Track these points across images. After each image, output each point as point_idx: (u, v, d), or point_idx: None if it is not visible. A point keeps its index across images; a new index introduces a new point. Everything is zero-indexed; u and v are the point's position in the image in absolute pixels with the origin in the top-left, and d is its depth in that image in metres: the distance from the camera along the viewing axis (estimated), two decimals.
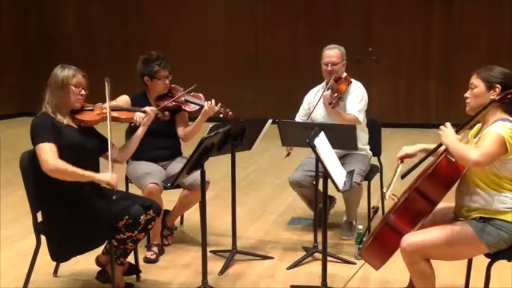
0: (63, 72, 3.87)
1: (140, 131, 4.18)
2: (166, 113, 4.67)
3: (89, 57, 12.09)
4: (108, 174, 3.76)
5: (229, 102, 5.14)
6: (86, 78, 3.93)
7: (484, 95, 3.45)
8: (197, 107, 4.96)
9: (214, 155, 4.24)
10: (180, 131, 5.08)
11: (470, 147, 3.29)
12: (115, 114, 4.09)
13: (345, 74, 5.23)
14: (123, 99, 4.74)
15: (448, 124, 3.45)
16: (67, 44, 12.86)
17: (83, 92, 3.91)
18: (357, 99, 5.16)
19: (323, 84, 5.37)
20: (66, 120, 3.86)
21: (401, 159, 3.78)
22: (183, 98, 4.95)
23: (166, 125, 4.83)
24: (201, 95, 5.05)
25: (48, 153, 3.64)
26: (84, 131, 3.93)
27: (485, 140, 3.27)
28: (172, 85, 5.03)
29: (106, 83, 4.06)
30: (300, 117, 5.43)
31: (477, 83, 3.50)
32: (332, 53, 5.22)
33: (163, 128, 4.86)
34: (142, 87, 5.02)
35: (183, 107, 4.96)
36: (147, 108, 4.23)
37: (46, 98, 3.88)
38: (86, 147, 3.86)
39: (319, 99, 5.11)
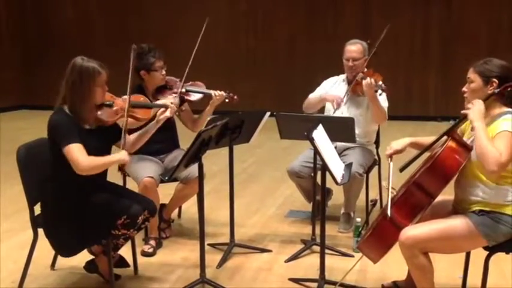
0: (88, 67, 3.68)
1: (154, 126, 4.06)
2: (183, 108, 4.60)
3: (87, 51, 12.04)
4: (124, 153, 3.78)
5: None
6: (107, 73, 3.76)
7: (482, 90, 3.43)
8: (200, 96, 4.91)
9: (212, 148, 4.23)
10: (189, 124, 5.07)
11: (494, 149, 3.19)
12: (136, 114, 3.98)
13: (365, 70, 5.17)
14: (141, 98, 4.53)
15: (480, 101, 3.35)
16: (65, 37, 12.82)
17: (105, 89, 3.78)
18: (382, 97, 5.12)
19: (342, 77, 5.35)
20: (83, 124, 3.75)
21: (391, 156, 3.73)
22: (183, 89, 4.91)
23: None
24: (200, 83, 5.01)
25: (79, 154, 3.59)
26: (100, 130, 3.83)
27: (504, 144, 3.22)
28: (168, 77, 4.99)
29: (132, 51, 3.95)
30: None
31: (474, 78, 3.47)
32: (354, 48, 5.20)
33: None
34: (137, 82, 4.95)
35: (185, 97, 4.92)
36: (169, 104, 4.12)
37: (64, 93, 3.71)
38: (98, 150, 3.75)
39: (346, 93, 5.13)
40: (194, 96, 4.92)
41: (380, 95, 4.96)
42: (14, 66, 12.85)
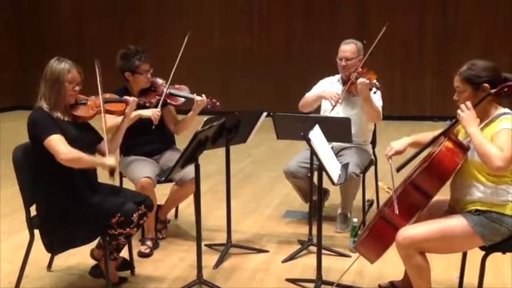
0: (59, 66, 3.81)
1: (124, 122, 4.10)
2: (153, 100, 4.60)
3: (82, 51, 12.05)
4: (113, 159, 3.80)
5: (224, 95, 5.14)
6: (80, 74, 3.86)
7: (474, 96, 3.40)
8: (183, 100, 4.92)
9: (209, 149, 4.23)
10: (171, 126, 5.07)
11: (494, 147, 3.21)
12: (109, 107, 4.05)
13: (360, 69, 5.15)
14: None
15: (469, 105, 3.34)
16: (61, 38, 12.81)
17: (76, 88, 3.85)
18: (377, 96, 5.12)
19: (337, 77, 5.35)
20: (63, 117, 3.82)
21: (391, 157, 3.72)
22: (167, 92, 4.90)
23: None
24: (185, 86, 5.01)
25: (60, 144, 3.65)
26: (80, 126, 3.91)
27: (505, 140, 3.23)
28: (153, 78, 4.98)
29: (96, 67, 4.00)
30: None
31: (463, 87, 3.44)
32: (347, 48, 5.20)
33: (151, 122, 4.75)
34: (123, 83, 4.97)
35: (168, 101, 4.90)
36: (128, 98, 4.14)
37: (41, 91, 3.83)
38: (84, 142, 3.82)
39: (341, 92, 5.11)
40: (177, 100, 4.93)
41: (374, 93, 4.96)
42: (11, 67, 12.83)
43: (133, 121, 4.52)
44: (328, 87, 5.34)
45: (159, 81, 5.00)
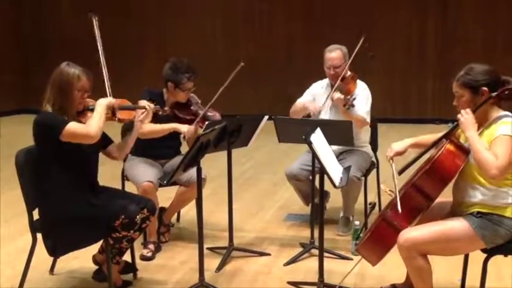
0: (69, 72, 3.77)
1: (137, 127, 4.09)
2: (166, 108, 4.62)
3: (85, 55, 12.02)
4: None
5: (225, 99, 5.12)
6: (90, 80, 3.84)
7: (474, 100, 3.42)
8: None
9: (211, 152, 4.24)
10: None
11: (490, 155, 3.23)
12: (117, 115, 4.00)
13: (349, 73, 5.17)
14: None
15: (468, 111, 3.37)
16: (64, 41, 12.81)
17: (85, 95, 3.84)
18: (363, 101, 5.12)
19: (327, 81, 5.34)
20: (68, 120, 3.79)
21: (392, 158, 3.74)
22: (201, 113, 4.88)
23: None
24: (218, 114, 4.98)
25: (79, 127, 3.69)
26: None
27: (502, 148, 3.24)
28: (191, 95, 5.02)
29: (94, 21, 3.96)
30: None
31: (462, 92, 3.45)
32: (334, 55, 5.18)
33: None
34: (159, 87, 5.03)
35: (200, 124, 4.87)
36: (146, 105, 4.13)
37: (47, 96, 3.79)
38: (86, 146, 3.78)
39: (326, 100, 5.10)
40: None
41: (348, 109, 4.95)
42: (12, 71, 12.82)
43: (167, 133, 4.74)
44: (320, 92, 5.32)
45: (195, 99, 5.05)
